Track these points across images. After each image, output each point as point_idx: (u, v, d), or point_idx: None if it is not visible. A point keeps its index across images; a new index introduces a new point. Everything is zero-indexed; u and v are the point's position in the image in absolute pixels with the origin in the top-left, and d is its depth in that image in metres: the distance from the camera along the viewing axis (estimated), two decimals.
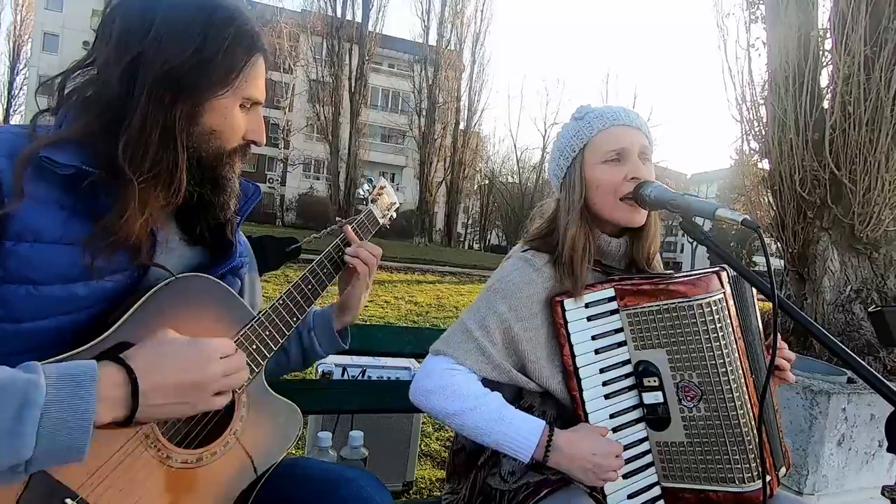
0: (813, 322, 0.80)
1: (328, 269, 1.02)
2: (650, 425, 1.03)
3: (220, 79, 0.77)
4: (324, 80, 26.13)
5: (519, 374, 1.04)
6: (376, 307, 6.76)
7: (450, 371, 1.01)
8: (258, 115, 0.85)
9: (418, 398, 1.03)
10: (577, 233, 1.05)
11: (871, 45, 2.62)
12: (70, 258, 0.70)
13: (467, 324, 1.04)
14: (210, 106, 0.77)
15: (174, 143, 0.74)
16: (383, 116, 31.51)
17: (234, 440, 0.82)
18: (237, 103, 0.80)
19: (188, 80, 0.74)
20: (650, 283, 1.03)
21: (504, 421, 0.96)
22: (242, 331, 0.85)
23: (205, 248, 0.89)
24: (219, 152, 0.81)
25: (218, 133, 0.79)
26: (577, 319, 1.04)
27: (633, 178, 1.05)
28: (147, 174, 0.72)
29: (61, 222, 0.70)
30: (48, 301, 0.70)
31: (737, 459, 0.97)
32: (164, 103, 0.73)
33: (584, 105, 1.13)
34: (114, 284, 0.75)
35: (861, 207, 2.71)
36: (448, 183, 29.78)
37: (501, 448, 0.97)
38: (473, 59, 29.89)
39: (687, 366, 0.99)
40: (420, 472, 2.41)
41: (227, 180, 0.83)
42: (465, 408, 0.97)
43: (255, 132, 0.85)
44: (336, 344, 1.10)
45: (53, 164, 0.69)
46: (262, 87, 0.84)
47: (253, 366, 0.84)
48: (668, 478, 1.03)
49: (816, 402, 1.74)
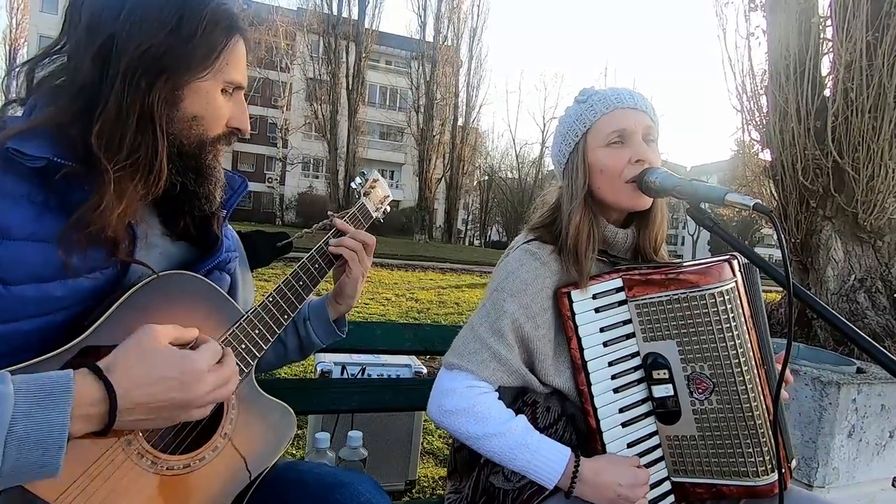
0: (829, 308, 0.76)
1: (319, 263, 0.98)
2: (660, 419, 0.99)
3: (200, 60, 0.73)
4: (321, 79, 26.08)
5: (532, 376, 1.01)
6: (377, 304, 6.73)
7: (471, 389, 0.97)
8: (241, 102, 0.82)
9: (437, 417, 0.99)
10: (581, 221, 1.02)
11: (873, 31, 2.58)
12: (43, 256, 0.66)
13: (479, 331, 1.00)
14: (190, 90, 0.74)
15: (153, 128, 0.70)
16: (381, 114, 31.43)
17: (223, 443, 0.78)
18: (219, 87, 0.77)
19: (166, 62, 0.70)
20: (660, 273, 0.99)
21: (529, 449, 0.94)
22: (230, 330, 0.81)
23: (189, 244, 0.85)
24: (201, 140, 0.77)
25: (200, 119, 0.76)
26: (585, 311, 1.00)
27: (638, 160, 1.01)
28: (124, 162, 0.69)
29: (32, 218, 0.66)
30: (21, 302, 0.65)
31: (750, 452, 0.93)
32: (141, 87, 0.69)
33: (587, 87, 1.08)
34: (92, 283, 0.71)
35: (864, 195, 2.68)
36: (447, 179, 29.76)
37: (525, 474, 0.95)
38: (471, 55, 29.85)
39: (698, 357, 0.95)
40: (423, 471, 2.38)
41: (211, 169, 0.79)
42: (488, 433, 0.95)
43: (239, 119, 0.81)
44: (333, 333, 1.07)
45: (22, 155, 0.64)
46: (243, 71, 0.80)
47: (242, 366, 0.80)
48: (678, 472, 0.99)
49: (826, 392, 1.70)
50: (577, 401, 1.00)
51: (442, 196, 30.39)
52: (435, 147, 28.34)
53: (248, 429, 0.82)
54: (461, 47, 29.13)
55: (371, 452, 1.87)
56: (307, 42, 26.69)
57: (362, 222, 1.11)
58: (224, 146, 0.82)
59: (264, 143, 30.14)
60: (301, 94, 27.90)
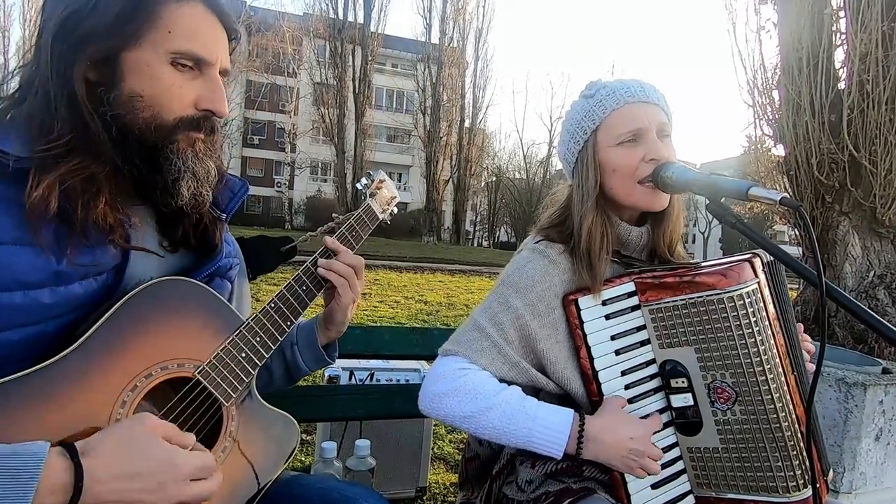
0: (864, 308, 0.71)
1: (308, 286, 0.91)
2: (680, 430, 0.94)
3: (120, 24, 0.66)
4: (328, 83, 26.21)
5: (538, 374, 0.95)
6: (386, 307, 6.71)
7: (462, 371, 0.92)
8: (212, 79, 0.73)
9: (429, 405, 0.94)
10: (593, 223, 0.97)
11: (889, 21, 2.51)
12: (30, 261, 0.63)
13: (479, 321, 0.96)
14: (127, 65, 0.68)
15: (79, 109, 0.66)
16: (388, 116, 31.51)
17: (223, 457, 0.75)
18: (163, 60, 0.69)
19: (82, 30, 0.65)
20: (674, 276, 0.93)
21: (528, 415, 0.88)
22: (230, 338, 0.77)
23: (188, 251, 0.82)
24: (151, 123, 0.70)
25: (146, 98, 0.69)
26: (594, 319, 0.95)
27: (652, 159, 0.96)
28: (51, 144, 0.64)
29: (18, 222, 0.62)
30: (8, 310, 0.62)
31: (779, 466, 0.88)
32: (63, 66, 0.65)
33: (594, 80, 1.03)
34: (84, 290, 0.67)
35: (882, 189, 2.62)
36: (455, 181, 29.73)
37: (530, 446, 0.88)
38: (476, 56, 29.82)
39: (719, 365, 0.90)
40: (433, 477, 2.34)
41: (171, 157, 0.71)
42: (481, 407, 0.89)
43: (209, 98, 0.73)
44: (321, 360, 1.00)
45: (3, 154, 0.62)
46: (204, 42, 0.71)
47: (242, 375, 0.77)
48: (702, 486, 0.94)
49: (851, 394, 1.64)
50: (590, 411, 0.95)
51: (450, 198, 30.37)
52: (442, 149, 28.32)
53: (248, 443, 0.78)
54: (467, 48, 29.12)
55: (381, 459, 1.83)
56: (313, 47, 26.84)
57: (368, 225, 1.07)
58: (200, 133, 0.74)
59: (273, 148, 30.38)
60: (308, 98, 28.04)
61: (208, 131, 0.76)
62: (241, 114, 28.36)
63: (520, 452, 1.03)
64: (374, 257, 11.74)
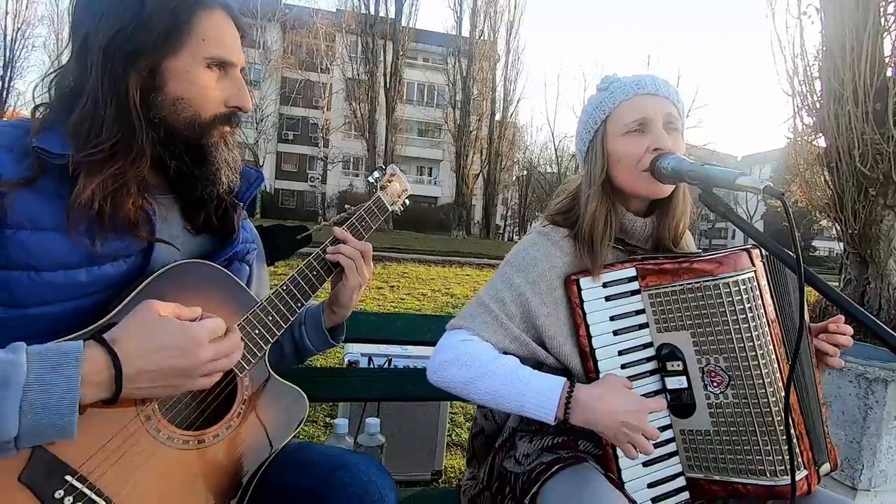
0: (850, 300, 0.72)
1: (318, 270, 0.98)
2: (674, 412, 0.97)
3: (166, 38, 0.74)
4: (359, 78, 26.44)
5: (538, 347, 1.00)
6: (413, 300, 6.80)
7: (465, 342, 0.98)
8: (237, 79, 0.82)
9: (435, 374, 1.00)
10: (598, 208, 1.01)
11: None
12: (69, 245, 0.72)
13: (483, 298, 1.02)
14: (169, 72, 0.76)
15: (129, 114, 0.73)
16: (419, 111, 31.61)
17: (237, 422, 0.82)
18: (200, 65, 0.78)
19: (132, 46, 0.73)
20: (673, 262, 0.97)
21: (521, 381, 0.92)
22: (245, 316, 0.85)
23: (210, 236, 0.90)
24: (194, 121, 0.79)
25: (187, 101, 0.77)
26: (594, 299, 0.99)
27: (656, 148, 0.99)
28: (103, 146, 0.72)
29: (59, 210, 0.71)
30: (50, 287, 0.71)
31: (767, 451, 0.90)
32: (116, 75, 0.72)
33: (609, 75, 1.07)
34: (116, 270, 0.76)
35: None
36: (485, 175, 29.60)
37: (524, 412, 0.92)
38: (508, 49, 29.50)
39: (713, 349, 0.93)
40: (450, 461, 2.40)
41: (212, 150, 0.81)
42: (478, 373, 0.94)
43: (237, 97, 0.82)
44: (326, 341, 1.06)
45: (47, 153, 0.70)
46: (229, 46, 0.80)
47: (255, 350, 0.85)
48: (692, 468, 0.96)
49: (872, 390, 1.61)
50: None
51: (480, 192, 30.27)
52: (472, 143, 28.24)
53: (263, 409, 0.86)
54: (498, 41, 28.87)
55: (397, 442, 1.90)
56: (346, 42, 27.13)
57: (378, 215, 1.13)
58: (229, 127, 0.83)
59: (306, 144, 30.92)
60: (340, 94, 28.40)
61: (236, 125, 0.85)
62: (277, 110, 29.00)
63: (519, 427, 1.08)
64: (404, 251, 11.86)
